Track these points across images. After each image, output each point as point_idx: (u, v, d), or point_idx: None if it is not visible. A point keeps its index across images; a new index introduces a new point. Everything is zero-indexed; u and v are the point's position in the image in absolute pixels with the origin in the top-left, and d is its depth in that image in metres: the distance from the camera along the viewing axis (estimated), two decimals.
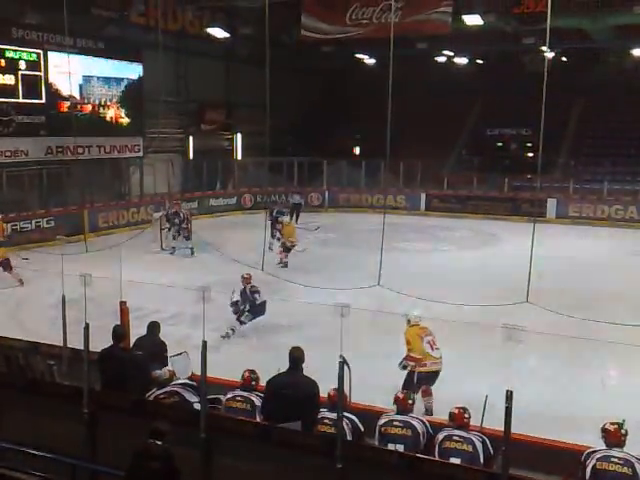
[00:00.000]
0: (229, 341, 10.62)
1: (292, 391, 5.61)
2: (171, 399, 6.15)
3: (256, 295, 10.99)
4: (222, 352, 9.86)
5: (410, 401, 5.85)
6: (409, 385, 7.76)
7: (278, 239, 16.85)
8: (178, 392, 6.17)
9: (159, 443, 4.73)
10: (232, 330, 10.84)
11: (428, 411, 7.88)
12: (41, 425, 5.97)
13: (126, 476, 4.82)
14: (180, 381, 6.36)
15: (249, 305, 10.94)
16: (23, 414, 6.13)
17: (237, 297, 10.93)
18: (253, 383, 6.29)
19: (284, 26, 22.90)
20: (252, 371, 6.39)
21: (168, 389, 6.24)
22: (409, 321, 8.51)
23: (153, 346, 7.57)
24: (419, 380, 7.97)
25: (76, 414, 5.70)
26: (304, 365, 5.87)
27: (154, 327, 7.98)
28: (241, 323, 10.90)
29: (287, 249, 15.97)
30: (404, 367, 8.16)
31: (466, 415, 5.62)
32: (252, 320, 11.00)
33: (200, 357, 5.36)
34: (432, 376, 8.10)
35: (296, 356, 5.82)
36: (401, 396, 5.87)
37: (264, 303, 11.06)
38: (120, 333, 6.93)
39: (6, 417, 6.18)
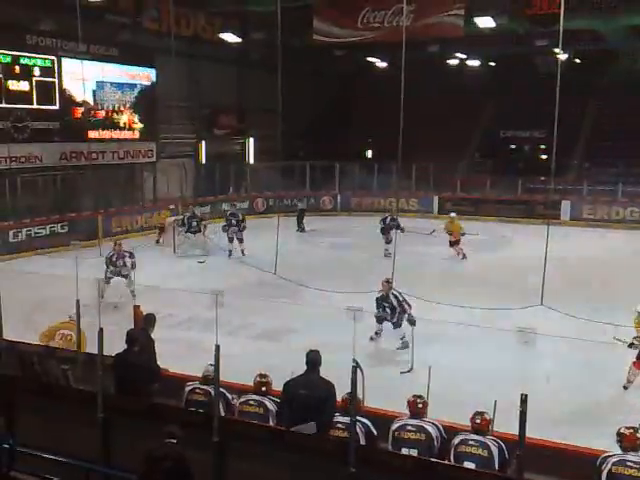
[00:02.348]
0: (241, 345, 10.61)
1: (309, 392, 5.65)
2: (201, 397, 6.26)
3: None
4: (235, 356, 9.86)
5: (421, 405, 5.83)
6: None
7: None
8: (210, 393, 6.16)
9: (172, 441, 4.74)
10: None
11: None
12: (55, 429, 6.00)
13: (140, 477, 4.83)
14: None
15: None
16: (38, 418, 6.16)
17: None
18: (264, 388, 6.28)
19: (296, 30, 22.95)
20: (264, 375, 6.38)
21: (205, 387, 6.28)
22: (638, 312, 9.57)
23: (147, 339, 7.55)
24: None
25: (90, 418, 5.73)
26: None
27: (149, 319, 7.91)
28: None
29: None
30: (631, 345, 9.15)
31: (480, 419, 5.57)
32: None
33: (213, 361, 5.37)
34: None
35: (313, 358, 5.86)
36: (412, 399, 5.85)
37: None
38: (134, 337, 6.94)
39: (21, 421, 6.22)
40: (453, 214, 18.73)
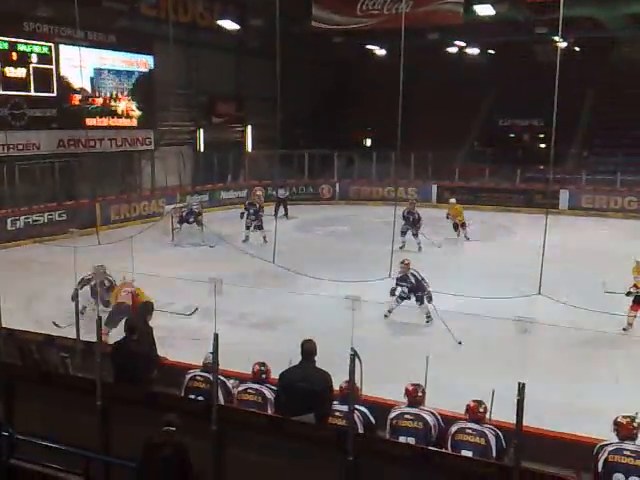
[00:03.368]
0: (241, 334, 10.63)
1: (305, 383, 5.62)
2: (202, 385, 6.26)
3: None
4: (233, 344, 9.89)
5: (420, 393, 5.85)
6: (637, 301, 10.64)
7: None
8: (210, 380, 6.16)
9: (171, 429, 4.77)
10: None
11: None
12: (55, 417, 6.02)
13: (139, 464, 4.86)
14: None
15: None
16: (37, 406, 6.18)
17: None
18: (263, 376, 6.31)
19: (295, 18, 22.84)
20: (262, 364, 6.41)
21: (206, 374, 6.27)
22: (637, 262, 11.00)
23: (145, 327, 7.57)
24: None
25: (89, 406, 5.75)
26: (316, 357, 5.88)
27: (146, 307, 7.91)
28: None
29: None
30: (628, 293, 10.58)
31: (481, 409, 5.60)
32: None
33: (212, 349, 5.39)
34: None
35: (308, 348, 5.81)
36: (411, 388, 5.87)
37: None
38: (132, 326, 6.95)
39: (20, 409, 6.24)
40: (453, 200, 19.06)
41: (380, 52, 29.35)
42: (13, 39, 18.19)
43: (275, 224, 14.62)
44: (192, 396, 6.24)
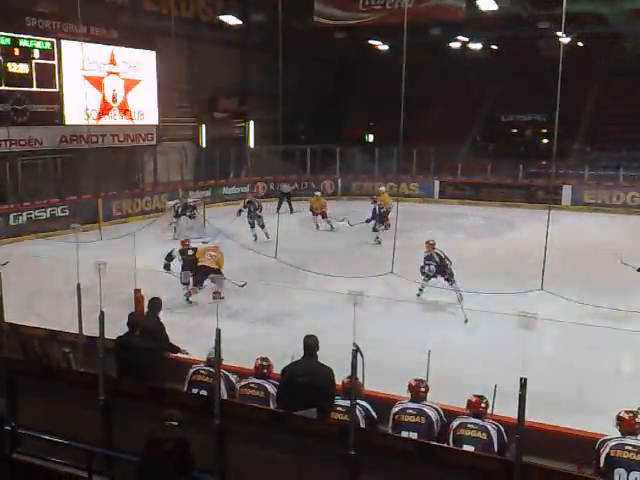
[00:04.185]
0: (243, 329, 10.63)
1: (307, 379, 5.62)
2: (205, 378, 6.27)
3: None
4: (236, 340, 9.90)
5: (423, 389, 5.85)
6: None
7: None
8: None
9: (174, 424, 4.78)
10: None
11: None
12: (57, 412, 6.03)
13: (141, 459, 4.87)
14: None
15: None
16: (40, 401, 6.20)
17: None
18: (265, 371, 6.31)
19: (297, 13, 22.78)
20: (265, 359, 6.41)
21: (209, 369, 6.26)
22: None
23: (155, 325, 7.57)
24: None
25: (92, 401, 5.76)
26: (318, 353, 5.88)
27: (155, 304, 7.90)
28: None
29: None
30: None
31: (482, 404, 5.60)
32: None
33: (214, 344, 5.39)
34: None
35: (310, 343, 5.83)
36: (414, 383, 5.87)
37: None
38: (135, 321, 6.95)
39: (23, 404, 6.25)
40: (382, 188, 19.75)
41: (382, 47, 29.32)
42: (15, 35, 18.19)
43: (277, 219, 14.59)
44: (195, 390, 6.25)
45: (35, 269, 14.11)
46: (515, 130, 29.55)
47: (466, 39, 28.33)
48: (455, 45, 28.89)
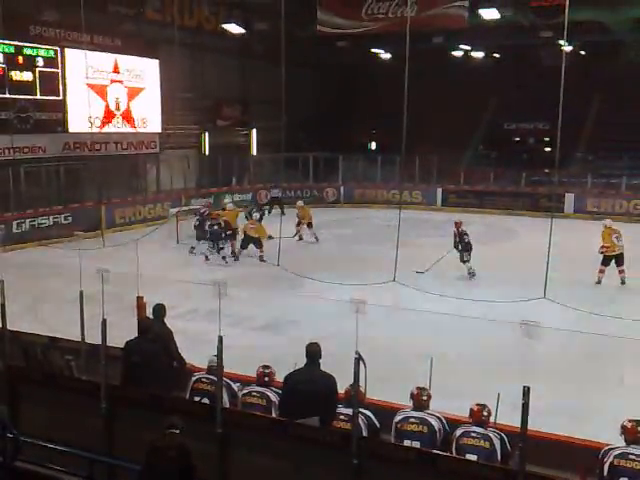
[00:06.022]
0: (245, 336, 10.62)
1: (310, 386, 5.59)
2: (207, 386, 6.23)
3: None
4: (238, 347, 9.89)
5: (425, 397, 5.83)
6: (604, 262, 13.90)
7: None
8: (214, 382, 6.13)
9: (175, 432, 4.76)
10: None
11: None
12: (59, 419, 6.02)
13: (143, 467, 4.86)
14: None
15: None
16: (42, 408, 6.18)
17: None
18: (267, 379, 6.28)
19: (300, 21, 22.87)
20: (266, 366, 6.39)
21: (211, 377, 6.22)
22: (605, 225, 14.35)
23: (162, 332, 7.46)
24: (605, 260, 13.82)
25: (94, 409, 5.74)
26: (320, 361, 5.87)
27: (160, 310, 7.80)
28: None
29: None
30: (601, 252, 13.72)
31: (485, 412, 5.58)
32: None
33: (216, 352, 5.38)
34: (619, 256, 13.91)
35: (313, 351, 5.79)
36: (417, 392, 5.85)
37: None
38: (147, 326, 6.90)
39: (25, 411, 6.24)
40: (300, 202, 19.61)
41: (385, 56, 29.37)
42: (19, 43, 18.29)
43: (280, 228, 14.60)
44: (197, 398, 6.23)
45: (38, 276, 14.14)
46: (518, 138, 29.55)
47: (468, 48, 28.36)
48: (457, 54, 28.92)
